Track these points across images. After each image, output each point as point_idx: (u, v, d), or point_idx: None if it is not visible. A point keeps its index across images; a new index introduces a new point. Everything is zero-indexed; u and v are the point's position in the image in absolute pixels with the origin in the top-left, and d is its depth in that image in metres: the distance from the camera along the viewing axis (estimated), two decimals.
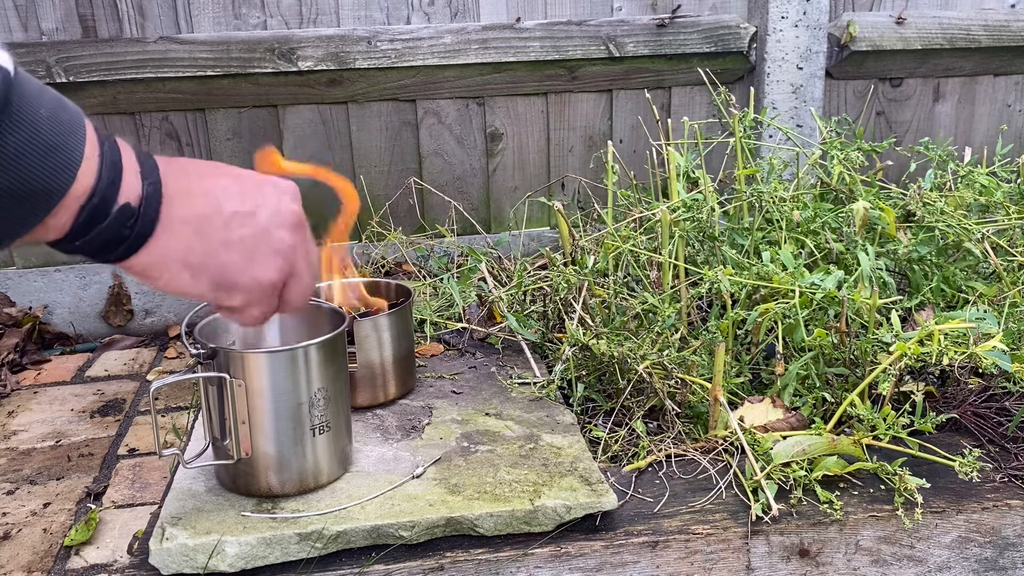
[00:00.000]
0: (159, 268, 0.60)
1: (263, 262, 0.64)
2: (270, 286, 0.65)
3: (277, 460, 0.95)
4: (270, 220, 0.64)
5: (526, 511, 0.95)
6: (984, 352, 0.99)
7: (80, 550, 1.10)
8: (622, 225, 1.43)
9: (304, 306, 0.71)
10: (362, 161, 1.98)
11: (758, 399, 1.14)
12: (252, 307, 0.66)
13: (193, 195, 0.61)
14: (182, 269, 0.61)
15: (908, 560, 1.02)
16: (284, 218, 0.65)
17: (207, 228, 0.61)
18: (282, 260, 0.65)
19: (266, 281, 0.65)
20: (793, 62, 1.98)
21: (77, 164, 0.53)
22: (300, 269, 0.68)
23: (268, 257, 0.64)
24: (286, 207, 0.66)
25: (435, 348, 1.40)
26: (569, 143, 2.06)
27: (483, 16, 1.95)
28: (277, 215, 0.65)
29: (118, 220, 0.56)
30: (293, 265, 0.66)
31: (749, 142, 1.45)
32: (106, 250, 0.58)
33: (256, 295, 0.65)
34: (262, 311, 0.67)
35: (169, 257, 0.60)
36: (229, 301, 0.65)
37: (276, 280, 0.65)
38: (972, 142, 2.20)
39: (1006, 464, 1.09)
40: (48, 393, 1.65)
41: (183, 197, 0.60)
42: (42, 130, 0.51)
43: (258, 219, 0.63)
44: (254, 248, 0.63)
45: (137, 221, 0.57)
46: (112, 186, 0.56)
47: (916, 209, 1.33)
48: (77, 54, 1.79)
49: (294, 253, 0.66)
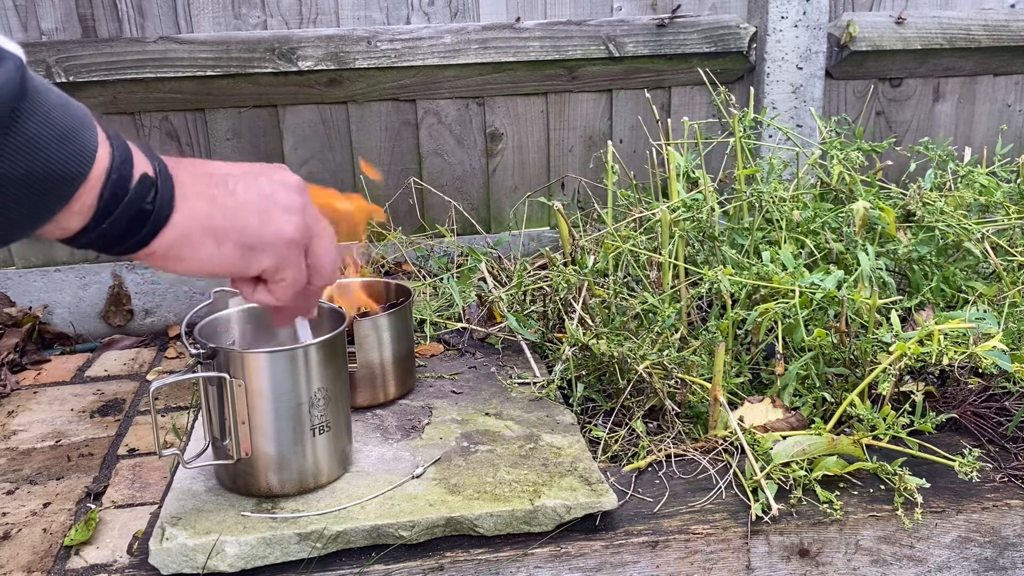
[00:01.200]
0: (183, 244, 0.61)
1: (278, 218, 0.65)
2: (291, 238, 0.66)
3: (277, 460, 0.95)
4: (273, 184, 0.66)
5: (526, 511, 0.95)
6: (984, 352, 0.99)
7: (80, 550, 1.10)
8: (622, 225, 1.43)
9: (333, 278, 0.72)
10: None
11: (758, 399, 1.14)
12: (284, 269, 0.66)
13: (197, 175, 0.62)
14: (206, 237, 0.61)
15: (908, 560, 1.02)
16: (287, 182, 0.67)
17: (218, 197, 0.62)
18: (297, 216, 0.66)
19: (287, 233, 0.66)
20: (793, 62, 1.98)
21: (94, 149, 0.54)
22: (316, 228, 0.69)
23: (282, 214, 0.65)
24: (285, 175, 0.68)
25: (435, 348, 1.40)
26: (569, 143, 2.06)
27: (483, 16, 1.95)
28: (279, 181, 0.67)
29: (139, 193, 0.57)
30: (309, 225, 0.68)
31: (749, 142, 1.45)
32: (133, 231, 0.58)
33: (282, 252, 0.66)
34: (294, 275, 0.67)
35: (191, 229, 0.61)
36: (258, 265, 0.65)
37: (296, 236, 0.66)
38: (972, 142, 2.20)
39: (1006, 464, 1.09)
40: (48, 393, 1.65)
41: (189, 178, 0.61)
42: (56, 117, 0.52)
43: (261, 183, 0.66)
44: (266, 207, 0.65)
45: (157, 194, 0.58)
46: (126, 163, 0.56)
47: (916, 209, 1.33)
48: (77, 54, 1.79)
49: (305, 212, 0.67)
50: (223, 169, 0.65)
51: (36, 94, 0.51)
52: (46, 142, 0.51)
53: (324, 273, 0.70)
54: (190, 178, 0.61)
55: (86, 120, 0.54)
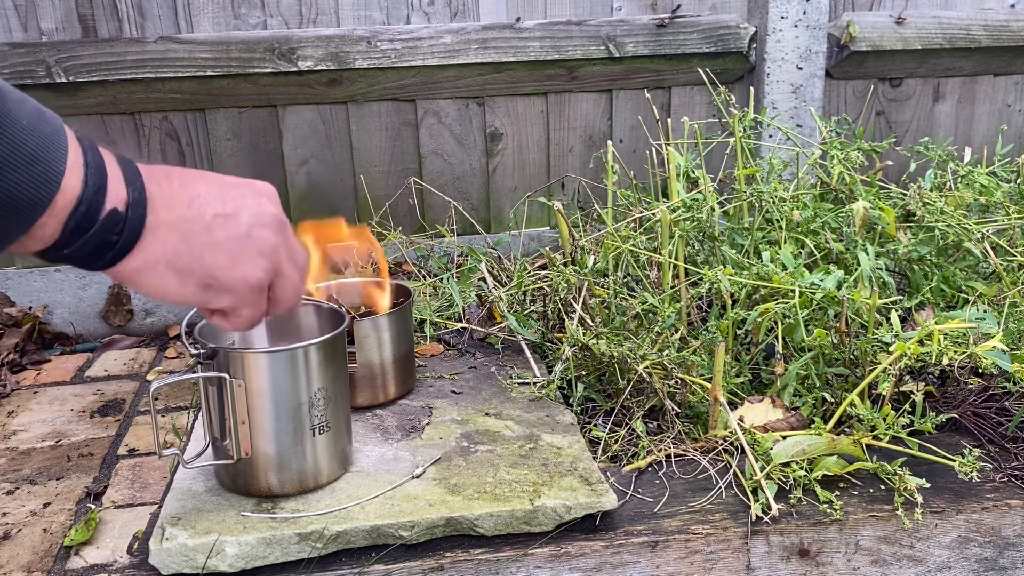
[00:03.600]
0: (146, 273, 0.61)
1: (248, 262, 0.65)
2: (256, 285, 0.66)
3: (277, 460, 0.95)
4: (252, 222, 0.65)
5: (526, 511, 0.95)
6: (984, 352, 0.99)
7: (80, 550, 1.10)
8: (622, 225, 1.43)
9: (295, 306, 0.72)
10: (362, 161, 1.98)
11: (758, 399, 1.14)
12: (241, 309, 0.67)
13: (176, 200, 0.61)
14: (169, 272, 0.62)
15: (908, 560, 1.02)
16: (265, 220, 0.66)
17: (192, 231, 0.62)
18: (266, 260, 0.66)
19: (252, 280, 0.66)
20: (793, 62, 1.98)
21: (60, 175, 0.53)
22: (286, 269, 0.69)
23: (252, 257, 0.65)
24: (266, 210, 0.67)
25: (435, 348, 1.40)
26: (569, 143, 2.06)
27: (483, 16, 1.95)
28: (258, 217, 0.66)
29: (106, 226, 0.57)
30: (278, 265, 0.68)
31: (749, 142, 1.45)
32: (95, 257, 0.58)
33: (244, 295, 0.66)
34: (251, 313, 0.68)
35: (156, 261, 0.61)
36: (218, 303, 0.66)
37: (262, 279, 0.66)
38: (972, 142, 2.20)
39: (1006, 464, 1.09)
40: (48, 393, 1.65)
41: (167, 202, 0.61)
42: (24, 140, 0.51)
43: (240, 221, 0.65)
44: (238, 249, 0.64)
45: (125, 227, 0.58)
46: (98, 193, 0.56)
47: (916, 209, 1.33)
48: (77, 54, 1.79)
49: (278, 253, 0.67)
50: (209, 192, 0.64)
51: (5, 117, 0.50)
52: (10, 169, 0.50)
53: (283, 306, 0.71)
54: (167, 203, 0.61)
55: (58, 146, 0.54)
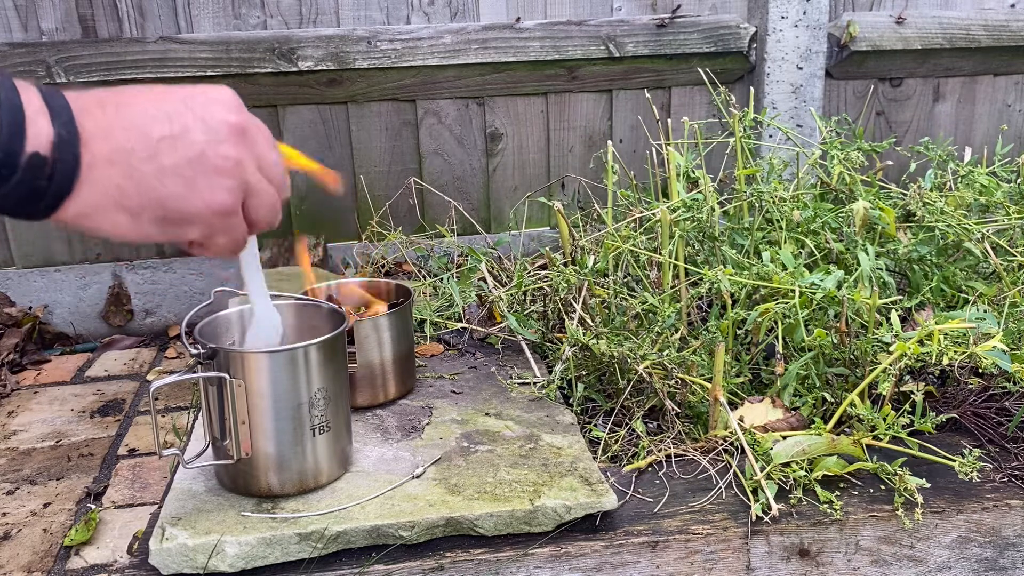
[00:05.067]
0: (94, 217, 0.55)
1: (208, 186, 0.57)
2: (222, 210, 0.58)
3: (277, 460, 0.95)
4: (206, 137, 0.57)
5: (526, 511, 0.95)
6: (984, 352, 0.99)
7: (80, 550, 1.10)
8: (622, 225, 1.43)
9: (275, 221, 0.64)
10: (362, 161, 1.98)
11: (758, 399, 1.14)
12: (214, 237, 0.60)
13: (114, 129, 0.55)
14: (119, 212, 0.55)
15: (908, 560, 1.02)
16: (221, 133, 0.58)
17: (136, 163, 0.55)
18: (229, 179, 0.58)
19: (216, 205, 0.58)
20: (793, 62, 1.98)
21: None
22: (256, 184, 0.61)
23: (212, 179, 0.57)
24: (222, 119, 0.58)
25: (435, 348, 1.40)
26: (569, 143, 2.06)
27: (483, 16, 1.95)
28: (213, 130, 0.58)
29: (29, 173, 0.51)
30: (245, 181, 0.60)
31: (749, 142, 1.45)
32: (27, 205, 0.53)
33: (211, 223, 0.59)
34: (227, 240, 0.61)
35: (101, 203, 0.54)
36: (185, 236, 0.59)
37: (228, 202, 0.59)
38: (972, 142, 2.20)
39: (1006, 464, 1.09)
40: (48, 393, 1.65)
41: (103, 134, 0.54)
42: None
43: (191, 139, 0.57)
44: (194, 173, 0.57)
45: (54, 170, 0.52)
46: (15, 137, 0.50)
47: (916, 209, 1.33)
48: (77, 54, 1.79)
49: (242, 168, 0.59)
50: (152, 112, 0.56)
51: None
52: None
53: (262, 225, 0.63)
54: (103, 135, 0.54)
55: None
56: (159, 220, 0.57)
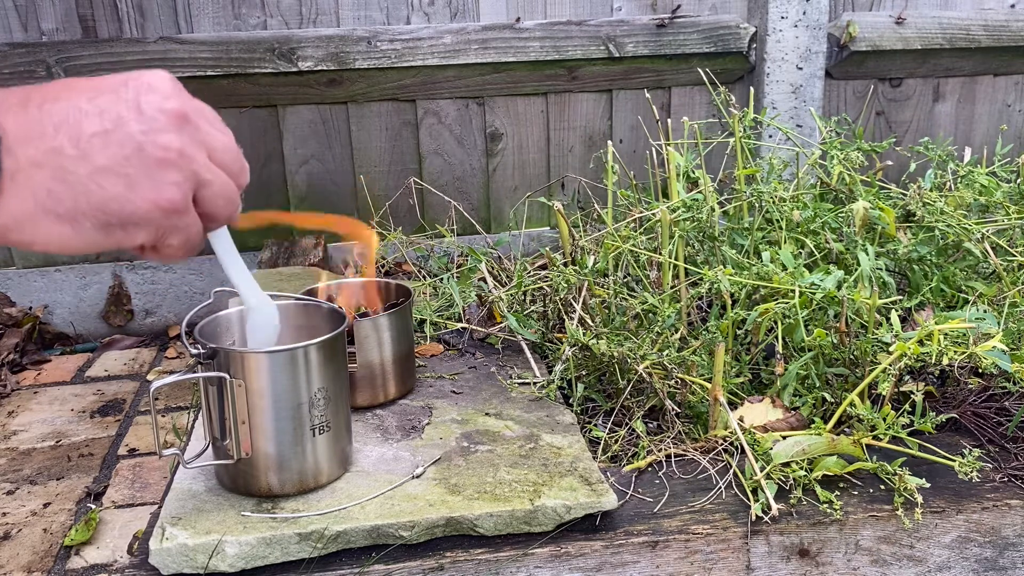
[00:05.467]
0: (26, 229, 0.50)
1: (151, 182, 0.52)
2: (171, 207, 0.53)
3: (277, 460, 0.95)
4: (144, 127, 0.52)
5: (526, 511, 0.95)
6: (984, 352, 0.99)
7: (80, 550, 1.10)
8: (622, 225, 1.43)
9: (235, 213, 0.59)
10: (362, 161, 1.98)
11: (758, 399, 1.14)
12: (166, 239, 0.55)
13: (39, 129, 0.50)
14: (54, 222, 0.50)
15: (908, 560, 1.02)
16: (160, 121, 0.52)
17: (67, 164, 0.50)
18: (174, 172, 0.53)
19: (164, 202, 0.52)
20: (793, 62, 1.98)
21: None
22: (206, 173, 0.55)
23: (155, 173, 0.52)
24: (161, 106, 0.53)
25: (435, 348, 1.40)
26: (569, 143, 2.06)
27: (483, 16, 1.95)
28: (151, 118, 0.52)
29: None
30: (194, 171, 0.54)
31: (749, 142, 1.45)
32: None
33: (160, 223, 0.53)
34: (181, 240, 0.55)
35: (31, 213, 0.49)
36: (134, 240, 0.54)
37: (176, 197, 0.53)
38: (972, 142, 2.20)
39: (1006, 464, 1.09)
40: (48, 393, 1.65)
41: (26, 135, 0.49)
42: None
43: (127, 132, 0.51)
44: (134, 169, 0.51)
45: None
46: None
47: (916, 209, 1.33)
48: (77, 54, 1.79)
49: (189, 157, 0.53)
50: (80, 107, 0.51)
51: None
52: None
53: (220, 219, 0.58)
54: (27, 137, 0.49)
55: None
56: (102, 226, 0.51)
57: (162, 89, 0.54)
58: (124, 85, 0.53)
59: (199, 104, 0.56)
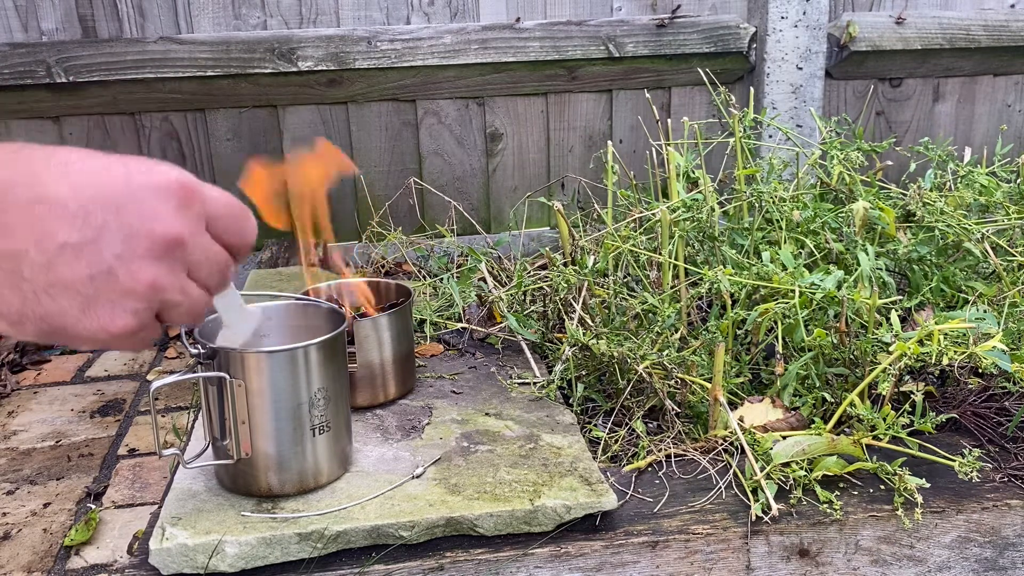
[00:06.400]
0: None
1: (106, 308, 0.47)
2: (121, 334, 0.49)
3: (277, 460, 0.95)
4: (120, 251, 0.47)
5: (526, 511, 0.95)
6: (984, 352, 0.99)
7: (80, 550, 1.10)
8: (622, 225, 1.43)
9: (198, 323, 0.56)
10: (362, 161, 1.98)
11: (758, 399, 1.14)
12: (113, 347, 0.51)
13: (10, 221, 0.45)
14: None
15: (908, 560, 1.02)
16: (141, 247, 0.48)
17: (26, 271, 0.45)
18: (138, 300, 0.48)
19: (115, 330, 0.48)
20: (793, 62, 1.98)
21: None
22: (174, 296, 0.50)
23: (115, 299, 0.47)
24: (148, 227, 0.48)
25: (435, 348, 1.40)
26: (569, 143, 2.06)
27: (483, 16, 1.95)
28: (132, 243, 0.47)
29: None
30: (161, 301, 0.50)
31: (749, 142, 1.45)
32: None
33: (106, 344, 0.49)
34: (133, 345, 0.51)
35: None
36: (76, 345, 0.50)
37: (130, 326, 0.48)
38: (972, 142, 2.20)
39: (1006, 464, 1.09)
40: (48, 393, 1.65)
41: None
42: None
43: (99, 249, 0.46)
44: (95, 292, 0.47)
45: None
46: None
47: (916, 209, 1.33)
48: (77, 54, 1.79)
49: (157, 289, 0.49)
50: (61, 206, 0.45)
51: None
52: None
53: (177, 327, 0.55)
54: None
55: None
56: (43, 333, 0.47)
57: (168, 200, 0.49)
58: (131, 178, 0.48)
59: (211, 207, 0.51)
